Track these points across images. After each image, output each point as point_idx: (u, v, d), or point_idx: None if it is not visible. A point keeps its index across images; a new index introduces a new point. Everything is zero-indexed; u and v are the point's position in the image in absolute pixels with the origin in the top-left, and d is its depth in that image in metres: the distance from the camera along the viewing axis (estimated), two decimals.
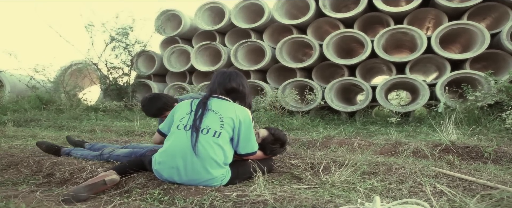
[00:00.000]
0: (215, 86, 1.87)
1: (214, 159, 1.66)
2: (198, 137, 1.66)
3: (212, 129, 1.68)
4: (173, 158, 1.67)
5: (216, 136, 1.68)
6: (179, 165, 1.66)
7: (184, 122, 1.73)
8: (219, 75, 1.91)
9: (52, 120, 5.62)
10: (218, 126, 1.69)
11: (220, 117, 1.72)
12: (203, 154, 1.64)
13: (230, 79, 1.88)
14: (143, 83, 7.49)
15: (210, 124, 1.69)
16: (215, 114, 1.73)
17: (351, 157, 2.27)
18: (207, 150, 1.65)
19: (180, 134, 1.70)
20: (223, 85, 1.86)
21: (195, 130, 1.67)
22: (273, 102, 5.38)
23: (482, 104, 4.24)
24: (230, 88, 1.86)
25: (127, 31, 7.21)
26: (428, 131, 3.73)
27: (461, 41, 6.01)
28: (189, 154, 1.64)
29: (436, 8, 5.61)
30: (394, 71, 5.62)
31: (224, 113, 1.73)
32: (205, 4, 6.94)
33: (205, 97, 1.82)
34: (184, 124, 1.72)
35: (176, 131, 1.73)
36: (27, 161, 2.26)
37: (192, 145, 1.64)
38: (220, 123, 1.70)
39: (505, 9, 5.16)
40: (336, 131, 3.80)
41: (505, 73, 4.86)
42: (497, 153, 2.60)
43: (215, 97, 1.83)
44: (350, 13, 5.68)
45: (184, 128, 1.71)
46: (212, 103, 1.78)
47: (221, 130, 1.69)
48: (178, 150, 1.67)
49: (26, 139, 3.64)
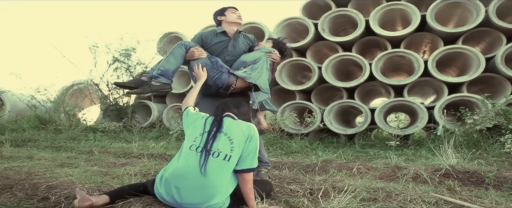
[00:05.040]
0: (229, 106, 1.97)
1: (220, 183, 1.65)
2: (208, 159, 1.67)
3: (222, 152, 1.70)
4: (179, 178, 1.67)
5: (226, 159, 1.69)
6: (183, 186, 1.65)
7: (197, 143, 1.75)
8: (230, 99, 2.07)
9: (50, 140, 5.59)
10: (229, 149, 1.71)
11: (230, 139, 1.74)
12: (210, 177, 1.64)
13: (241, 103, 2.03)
14: (143, 104, 7.52)
15: (221, 147, 1.71)
16: (225, 136, 1.75)
17: (350, 182, 2.24)
18: (215, 173, 1.65)
19: (191, 155, 1.72)
20: (236, 106, 1.99)
21: (206, 152, 1.69)
22: (272, 124, 5.38)
23: (481, 127, 4.25)
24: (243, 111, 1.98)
25: (130, 52, 7.34)
26: (428, 155, 3.70)
27: (457, 64, 6.11)
28: (196, 176, 1.64)
29: (432, 33, 5.75)
30: (393, 94, 5.67)
31: (232, 134, 1.75)
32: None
33: (220, 116, 1.87)
34: (196, 146, 1.74)
35: (188, 152, 1.74)
36: (23, 184, 2.23)
37: (200, 166, 1.64)
38: (231, 146, 1.72)
39: (498, 34, 5.29)
40: (335, 154, 3.77)
41: (502, 96, 4.90)
42: (498, 178, 2.58)
43: (228, 116, 1.87)
44: (348, 37, 5.81)
45: (196, 150, 1.73)
46: (225, 122, 1.81)
47: (232, 153, 1.71)
48: (186, 171, 1.67)
49: (23, 160, 3.61)
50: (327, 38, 5.94)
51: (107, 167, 3.22)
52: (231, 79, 2.42)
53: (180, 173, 1.68)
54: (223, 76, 2.40)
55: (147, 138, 5.98)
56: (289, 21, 6.26)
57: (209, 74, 2.39)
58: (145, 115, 7.76)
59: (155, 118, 7.20)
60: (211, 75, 2.39)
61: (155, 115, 7.22)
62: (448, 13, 5.83)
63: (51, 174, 2.72)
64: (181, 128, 5.99)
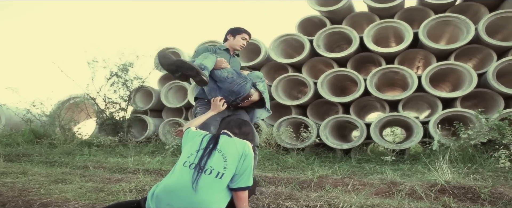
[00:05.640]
0: (231, 126, 1.99)
1: (211, 200, 1.64)
2: (200, 176, 1.66)
3: (215, 169, 1.70)
4: (171, 194, 1.65)
5: (218, 177, 1.68)
6: (175, 202, 1.63)
7: (191, 159, 1.75)
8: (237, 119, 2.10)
9: (45, 154, 5.53)
10: (222, 166, 1.71)
11: (224, 156, 1.74)
12: (201, 194, 1.63)
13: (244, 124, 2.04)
14: (139, 119, 7.51)
15: (214, 164, 1.71)
16: (219, 154, 1.75)
17: (345, 199, 2.24)
18: (206, 190, 1.64)
19: (184, 171, 1.71)
20: (238, 126, 1.99)
21: (199, 168, 1.69)
22: (268, 139, 5.38)
23: (475, 142, 4.29)
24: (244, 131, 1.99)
25: (127, 67, 7.39)
26: (424, 170, 3.72)
27: (450, 80, 6.22)
28: (188, 193, 1.63)
29: (425, 49, 5.88)
30: (388, 108, 5.72)
31: (227, 152, 1.75)
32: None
33: (217, 134, 1.89)
34: (190, 162, 1.74)
35: (181, 168, 1.74)
36: (16, 201, 2.21)
37: (192, 182, 1.64)
38: (224, 163, 1.72)
39: (488, 51, 5.42)
40: (331, 170, 3.77)
41: (495, 111, 4.98)
42: (494, 194, 2.59)
43: (224, 134, 1.89)
44: (343, 53, 5.92)
45: (189, 167, 1.72)
46: (220, 140, 1.83)
47: (225, 170, 1.70)
48: (178, 187, 1.66)
49: (16, 176, 3.56)
50: (322, 54, 6.04)
51: (102, 183, 3.18)
52: (252, 91, 2.49)
53: (172, 189, 1.66)
54: (247, 86, 2.45)
55: (142, 152, 5.94)
56: (285, 37, 6.38)
57: (236, 80, 2.43)
58: (141, 129, 7.72)
59: (151, 132, 7.17)
60: (238, 81, 2.43)
61: (151, 129, 7.19)
62: (440, 30, 5.98)
63: (45, 190, 2.69)
64: (177, 142, 5.96)
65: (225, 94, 2.43)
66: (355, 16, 6.50)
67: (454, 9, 5.98)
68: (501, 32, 5.77)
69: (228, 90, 2.41)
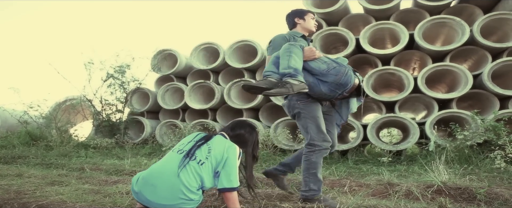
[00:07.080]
0: (227, 128, 2.09)
1: (189, 183, 1.74)
2: (188, 163, 1.79)
3: (198, 157, 1.83)
4: (157, 176, 1.77)
5: (199, 164, 1.80)
6: (159, 183, 1.74)
7: (181, 147, 1.90)
8: (235, 122, 2.16)
9: (41, 157, 5.49)
10: (205, 156, 1.83)
11: (210, 149, 1.87)
12: (182, 177, 1.74)
13: (241, 126, 2.09)
14: (136, 120, 7.48)
15: (199, 154, 1.84)
16: (206, 146, 1.88)
17: (342, 200, 2.25)
18: (186, 174, 1.76)
19: (173, 156, 1.86)
20: (232, 128, 2.08)
21: (188, 155, 1.82)
22: (265, 141, 5.39)
23: (471, 142, 4.32)
24: (237, 133, 2.06)
25: (124, 69, 7.37)
26: (420, 171, 3.74)
27: (446, 81, 6.26)
28: (172, 175, 1.74)
29: (420, 51, 5.92)
30: (384, 110, 5.75)
31: (214, 147, 1.88)
32: (200, 45, 7.21)
33: (213, 134, 2.02)
34: (180, 149, 1.88)
35: (171, 153, 1.89)
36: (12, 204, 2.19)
37: (179, 167, 1.76)
38: (207, 154, 1.84)
39: (483, 53, 5.47)
40: (328, 171, 3.78)
41: (490, 112, 5.02)
42: (489, 195, 2.60)
43: (220, 135, 2.01)
44: (339, 54, 5.92)
45: (177, 152, 1.87)
46: (214, 138, 1.96)
47: (206, 160, 1.82)
48: (164, 170, 1.79)
49: (12, 178, 3.53)
50: None
51: (99, 185, 3.17)
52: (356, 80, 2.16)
53: (158, 171, 1.79)
54: (351, 74, 2.11)
55: (139, 154, 5.92)
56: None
57: (341, 71, 2.07)
58: (137, 131, 7.70)
59: (148, 134, 7.15)
60: (342, 71, 2.06)
61: (148, 131, 7.18)
62: (435, 32, 6.03)
63: (41, 192, 2.67)
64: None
65: (332, 88, 2.08)
66: (351, 17, 6.53)
67: (449, 11, 6.03)
68: (496, 34, 5.83)
69: (335, 84, 2.07)
